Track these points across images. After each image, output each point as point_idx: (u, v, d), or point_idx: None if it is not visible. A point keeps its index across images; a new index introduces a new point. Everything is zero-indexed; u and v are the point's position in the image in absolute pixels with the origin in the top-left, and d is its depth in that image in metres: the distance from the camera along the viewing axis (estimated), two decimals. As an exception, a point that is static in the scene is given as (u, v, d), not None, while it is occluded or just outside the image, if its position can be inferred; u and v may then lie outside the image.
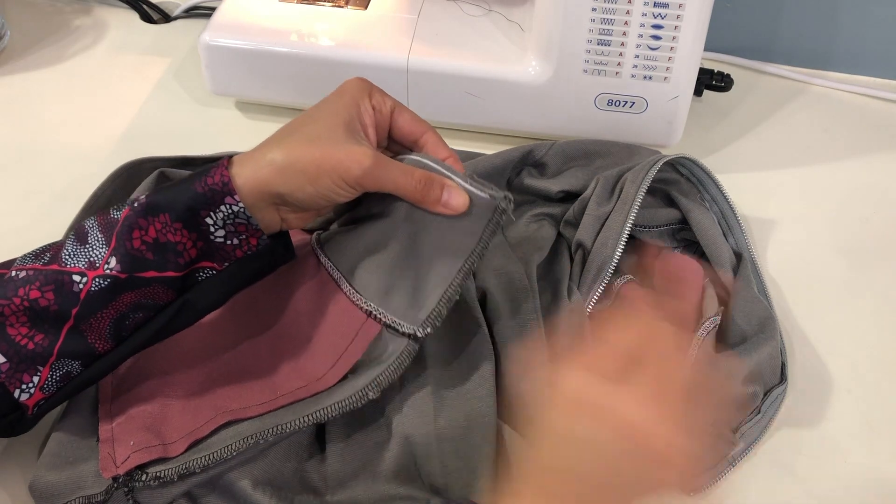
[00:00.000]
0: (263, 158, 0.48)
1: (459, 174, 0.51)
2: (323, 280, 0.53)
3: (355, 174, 0.48)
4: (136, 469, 0.48)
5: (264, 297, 0.55)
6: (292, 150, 0.48)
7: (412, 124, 0.53)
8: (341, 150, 0.48)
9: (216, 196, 0.47)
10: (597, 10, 0.67)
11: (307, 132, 0.49)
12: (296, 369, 0.51)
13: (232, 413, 0.49)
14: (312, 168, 0.48)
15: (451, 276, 0.50)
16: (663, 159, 0.64)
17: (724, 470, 0.54)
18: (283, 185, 0.48)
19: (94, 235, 0.47)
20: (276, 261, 0.52)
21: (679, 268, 0.61)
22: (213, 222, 0.47)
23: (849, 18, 0.83)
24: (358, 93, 0.51)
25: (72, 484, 0.49)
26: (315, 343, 0.52)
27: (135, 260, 0.47)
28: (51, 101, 0.80)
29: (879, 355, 0.62)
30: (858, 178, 0.76)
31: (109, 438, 0.50)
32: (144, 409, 0.51)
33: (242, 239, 0.49)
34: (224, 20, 0.74)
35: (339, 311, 0.51)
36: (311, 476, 0.52)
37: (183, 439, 0.49)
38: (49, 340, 0.46)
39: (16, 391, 0.46)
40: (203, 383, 0.52)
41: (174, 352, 0.54)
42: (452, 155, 0.53)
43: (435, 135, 0.54)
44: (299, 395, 0.50)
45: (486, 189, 0.50)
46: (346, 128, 0.50)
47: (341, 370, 0.50)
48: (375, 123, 0.52)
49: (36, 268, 0.47)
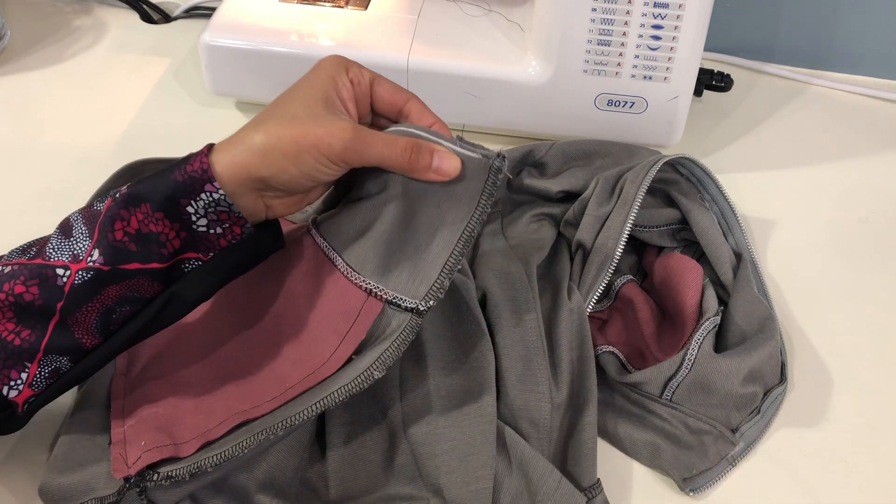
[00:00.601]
0: (242, 143, 0.47)
1: (447, 138, 0.49)
2: (319, 261, 0.52)
3: (336, 149, 0.47)
4: (148, 469, 0.48)
5: (263, 285, 0.54)
6: (271, 131, 0.47)
7: (393, 94, 0.52)
8: (320, 126, 0.47)
9: (196, 184, 0.46)
10: (597, 10, 0.67)
11: (285, 112, 0.48)
12: (300, 357, 0.50)
13: (245, 413, 0.49)
14: (293, 148, 0.47)
15: (451, 246, 0.48)
16: (663, 159, 0.64)
17: (724, 470, 0.55)
18: (265, 169, 0.47)
19: (79, 228, 0.47)
20: (263, 250, 0.51)
21: (679, 268, 0.61)
22: (194, 211, 0.47)
23: (849, 18, 0.83)
24: (334, 68, 0.50)
25: (84, 486, 0.49)
26: (317, 327, 0.51)
27: (117, 252, 0.46)
28: (51, 101, 0.80)
29: (879, 355, 0.62)
30: (858, 178, 0.76)
31: (121, 441, 0.50)
32: (155, 412, 0.51)
33: (226, 228, 0.48)
34: (224, 20, 0.74)
35: (338, 292, 0.50)
36: (311, 476, 0.52)
37: (195, 440, 0.48)
38: (36, 336, 0.46)
39: (4, 388, 0.46)
40: (212, 383, 0.51)
41: (182, 354, 0.53)
42: (438, 121, 0.52)
43: (418, 102, 0.52)
44: (307, 383, 0.49)
45: (477, 150, 0.49)
46: (325, 104, 0.49)
47: (346, 351, 0.49)
48: (355, 97, 0.51)
49: (21, 262, 0.46)
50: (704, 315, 0.59)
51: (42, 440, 0.54)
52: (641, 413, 0.57)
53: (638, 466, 0.56)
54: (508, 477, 0.51)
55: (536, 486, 0.50)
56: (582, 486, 0.52)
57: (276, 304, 0.53)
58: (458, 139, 0.50)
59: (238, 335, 0.53)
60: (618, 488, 0.53)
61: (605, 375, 0.58)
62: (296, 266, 0.53)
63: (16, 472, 0.53)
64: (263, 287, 0.54)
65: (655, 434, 0.55)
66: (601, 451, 0.55)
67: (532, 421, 0.54)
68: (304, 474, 0.52)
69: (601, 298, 0.62)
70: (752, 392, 0.57)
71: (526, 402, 0.54)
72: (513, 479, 0.51)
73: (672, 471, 0.54)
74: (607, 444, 0.56)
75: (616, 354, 0.59)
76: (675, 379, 0.56)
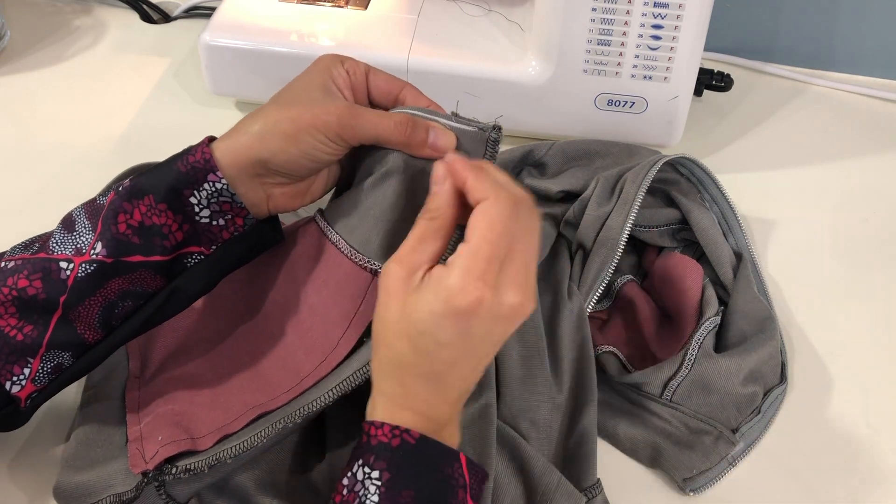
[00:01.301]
0: (241, 131, 0.48)
1: (443, 115, 0.50)
2: (322, 245, 0.52)
3: (333, 125, 0.48)
4: (166, 463, 0.48)
5: (266, 273, 0.54)
6: (269, 116, 0.48)
7: (388, 82, 0.53)
8: (317, 106, 0.48)
9: (198, 174, 0.47)
10: (597, 10, 0.67)
11: (282, 98, 0.49)
12: (311, 344, 0.50)
13: (262, 407, 0.49)
14: (291, 127, 0.47)
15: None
16: (663, 159, 0.64)
17: (724, 470, 0.54)
18: (265, 150, 0.47)
19: (81, 222, 0.47)
20: (264, 242, 0.51)
21: (679, 268, 0.61)
22: (197, 202, 0.47)
23: (849, 18, 0.83)
24: (330, 61, 0.51)
25: (101, 483, 0.49)
26: (324, 312, 0.51)
27: (120, 244, 0.46)
28: (51, 101, 0.80)
29: (879, 355, 0.62)
30: (858, 178, 0.76)
31: (138, 437, 0.50)
32: (171, 409, 0.51)
33: (228, 219, 0.48)
34: (224, 20, 0.74)
35: (343, 275, 0.50)
36: (312, 476, 0.52)
37: (212, 434, 0.49)
38: (38, 331, 0.46)
39: (7, 383, 0.46)
40: (226, 378, 0.51)
41: (193, 351, 0.54)
42: (433, 103, 0.53)
43: (413, 88, 0.53)
44: (321, 372, 0.49)
45: (473, 124, 0.49)
46: (322, 89, 0.49)
47: (355, 334, 0.49)
48: (352, 87, 0.52)
49: (24, 257, 0.47)
50: (704, 315, 0.59)
51: (51, 440, 0.54)
52: (641, 413, 0.57)
53: (638, 466, 0.56)
54: (508, 477, 0.51)
55: (536, 486, 0.50)
56: (582, 486, 0.52)
57: (281, 292, 0.53)
58: (452, 114, 0.50)
59: (245, 326, 0.53)
60: (618, 488, 0.53)
61: (605, 375, 0.58)
62: (299, 252, 0.53)
63: (26, 471, 0.53)
64: (267, 276, 0.54)
65: (655, 434, 0.55)
66: (601, 451, 0.55)
67: (532, 421, 0.54)
68: (305, 474, 0.52)
69: (601, 298, 0.62)
70: (752, 392, 0.57)
71: (526, 402, 0.54)
72: (513, 478, 0.51)
73: (672, 471, 0.54)
74: (607, 444, 0.56)
75: (616, 354, 0.59)
76: (675, 379, 0.56)
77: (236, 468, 0.50)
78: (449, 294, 0.40)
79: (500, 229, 0.41)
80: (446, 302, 0.41)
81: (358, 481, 0.41)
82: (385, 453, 0.41)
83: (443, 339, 0.41)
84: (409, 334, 0.42)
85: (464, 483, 0.42)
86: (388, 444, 0.42)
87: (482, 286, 0.40)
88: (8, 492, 0.52)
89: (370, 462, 0.41)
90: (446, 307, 0.41)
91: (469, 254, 0.41)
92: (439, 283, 0.41)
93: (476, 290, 0.40)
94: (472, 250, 0.41)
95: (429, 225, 0.44)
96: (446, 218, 0.44)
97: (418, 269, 0.42)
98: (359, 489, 0.41)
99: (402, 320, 0.42)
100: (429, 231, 0.44)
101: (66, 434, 0.55)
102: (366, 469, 0.41)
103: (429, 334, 0.41)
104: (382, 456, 0.41)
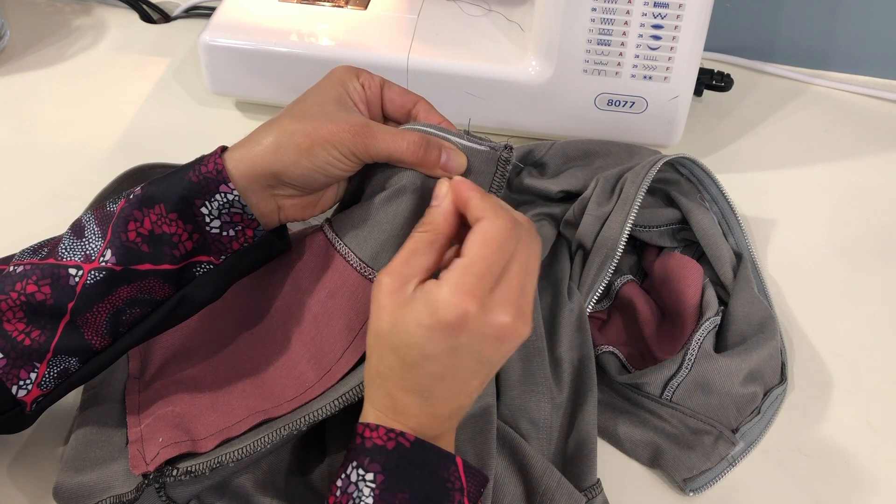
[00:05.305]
0: (254, 142, 0.48)
1: (455, 133, 0.50)
2: (330, 256, 0.52)
3: (347, 143, 0.47)
4: (166, 464, 0.48)
5: (272, 282, 0.54)
6: (284, 128, 0.48)
7: (402, 96, 0.53)
8: (332, 121, 0.48)
9: (210, 184, 0.47)
10: (597, 10, 0.67)
11: (296, 111, 0.49)
12: (315, 353, 0.50)
13: (266, 413, 0.49)
14: (305, 141, 0.47)
15: None
16: (663, 159, 0.64)
17: (725, 470, 0.54)
18: (278, 163, 0.47)
19: (91, 229, 0.47)
20: (272, 252, 0.51)
21: (679, 268, 0.61)
22: (208, 212, 0.47)
23: (849, 18, 0.83)
24: (345, 74, 0.51)
25: (102, 484, 0.49)
26: (330, 322, 0.51)
27: (130, 252, 0.46)
28: (51, 101, 0.80)
29: (879, 355, 0.62)
30: (858, 178, 0.76)
31: (138, 439, 0.50)
32: (172, 410, 0.51)
33: (238, 230, 0.48)
34: (224, 20, 0.74)
35: (350, 287, 0.50)
36: (313, 477, 0.52)
37: (213, 437, 0.49)
38: (46, 337, 0.46)
39: (13, 387, 0.46)
40: (228, 382, 0.51)
41: (195, 354, 0.54)
42: (445, 120, 0.53)
43: (426, 103, 0.53)
44: (326, 383, 0.49)
45: (484, 143, 0.50)
46: (337, 103, 0.49)
47: (360, 347, 0.49)
48: (367, 101, 0.52)
49: (33, 262, 0.47)
50: (704, 315, 0.59)
51: (51, 440, 0.54)
52: (641, 413, 0.57)
53: (638, 466, 0.56)
54: (508, 477, 0.51)
55: (536, 486, 0.50)
56: (582, 487, 0.52)
57: (286, 299, 0.53)
58: (464, 133, 0.50)
59: (248, 332, 0.53)
60: (618, 488, 0.53)
61: (605, 375, 0.58)
62: (305, 261, 0.53)
63: (26, 471, 0.53)
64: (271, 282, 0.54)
65: (655, 434, 0.55)
66: (601, 451, 0.55)
67: (532, 421, 0.54)
68: (306, 475, 0.52)
69: (601, 298, 0.62)
70: (752, 392, 0.57)
71: (526, 402, 0.54)
72: (513, 478, 0.51)
73: (672, 471, 0.54)
74: (607, 444, 0.56)
75: (616, 354, 0.59)
76: (675, 379, 0.56)
77: (236, 470, 0.50)
78: (437, 307, 0.40)
79: (495, 247, 0.41)
80: (433, 315, 0.40)
81: (352, 483, 0.41)
82: (380, 456, 0.41)
83: (429, 351, 0.41)
84: (397, 346, 0.42)
85: (461, 487, 0.42)
86: (384, 446, 0.42)
87: (469, 300, 0.40)
88: (8, 492, 0.52)
89: (364, 464, 0.41)
90: (433, 320, 0.40)
91: (461, 268, 0.41)
92: (428, 296, 0.41)
93: (463, 303, 0.40)
94: (465, 265, 0.41)
95: (421, 238, 0.44)
96: (440, 232, 0.44)
97: (409, 282, 0.42)
98: (352, 491, 0.41)
99: (391, 332, 0.42)
100: (421, 244, 0.43)
101: (66, 435, 0.55)
102: (360, 471, 0.41)
103: (416, 347, 0.41)
104: (377, 458, 0.41)
